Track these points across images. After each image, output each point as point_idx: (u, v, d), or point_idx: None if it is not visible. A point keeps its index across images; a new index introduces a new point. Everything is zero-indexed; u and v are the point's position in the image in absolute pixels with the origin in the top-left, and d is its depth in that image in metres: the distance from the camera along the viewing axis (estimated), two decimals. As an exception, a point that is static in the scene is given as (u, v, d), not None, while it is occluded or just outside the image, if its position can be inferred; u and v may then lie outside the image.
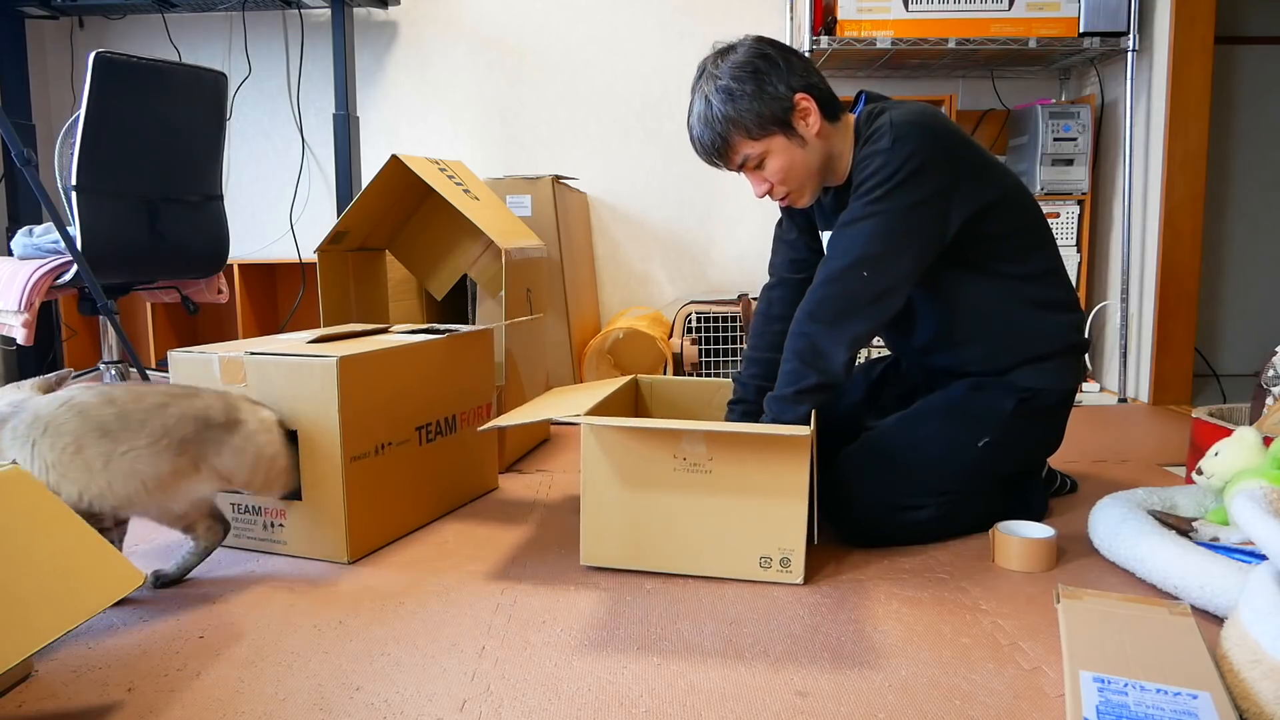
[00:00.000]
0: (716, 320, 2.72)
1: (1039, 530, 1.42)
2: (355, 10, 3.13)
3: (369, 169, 3.21)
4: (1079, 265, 2.91)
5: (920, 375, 1.67)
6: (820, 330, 1.36)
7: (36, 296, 2.10)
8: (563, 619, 1.21)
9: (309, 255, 3.19)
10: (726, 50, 1.40)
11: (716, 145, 1.41)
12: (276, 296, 3.39)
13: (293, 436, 1.41)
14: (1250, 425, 1.55)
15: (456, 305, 2.84)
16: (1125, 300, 2.79)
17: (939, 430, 1.48)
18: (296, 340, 1.58)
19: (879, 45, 2.70)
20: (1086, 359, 2.98)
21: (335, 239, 2.08)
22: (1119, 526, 1.38)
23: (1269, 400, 1.67)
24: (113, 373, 2.48)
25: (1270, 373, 1.69)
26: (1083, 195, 2.88)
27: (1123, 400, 2.79)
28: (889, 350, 1.74)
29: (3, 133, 2.02)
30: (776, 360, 1.43)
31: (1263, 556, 1.21)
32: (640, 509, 1.34)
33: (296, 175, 3.31)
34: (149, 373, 2.45)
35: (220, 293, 2.66)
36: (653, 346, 2.72)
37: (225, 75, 2.39)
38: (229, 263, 2.74)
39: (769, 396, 1.40)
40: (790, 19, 3.10)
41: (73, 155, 2.06)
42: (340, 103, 2.96)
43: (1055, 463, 1.98)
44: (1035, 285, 1.48)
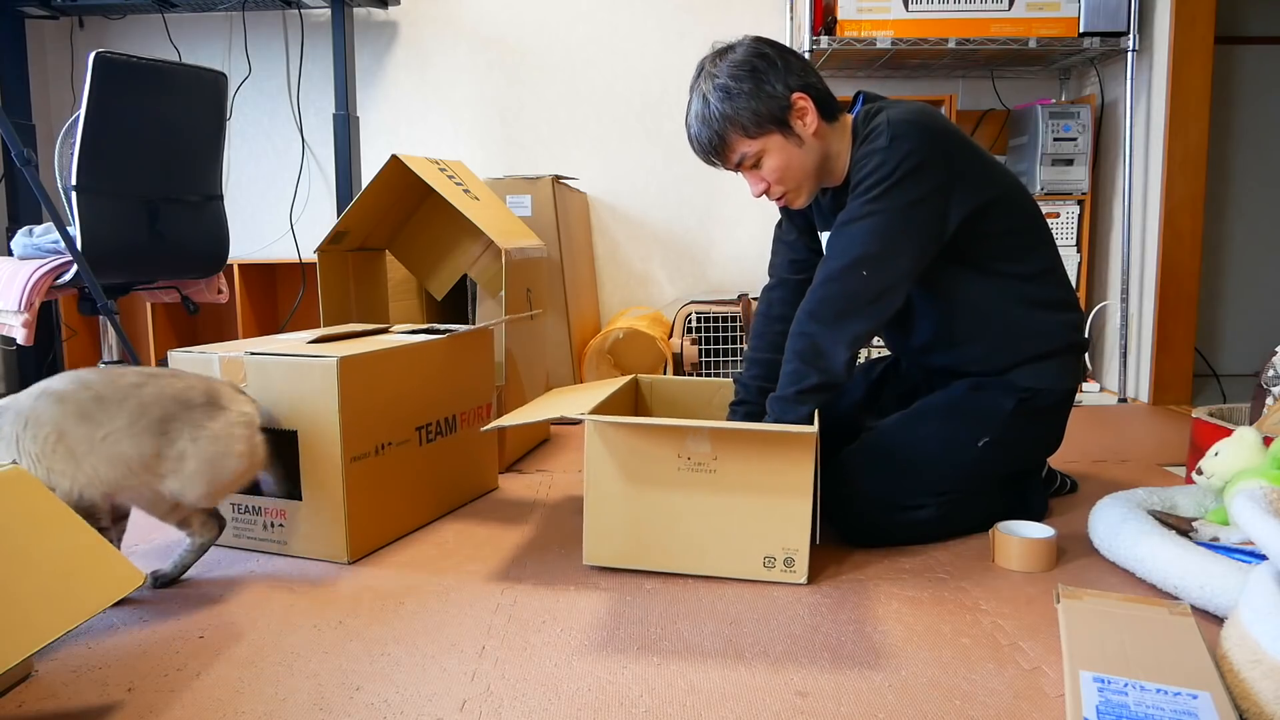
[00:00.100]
0: (716, 320, 2.72)
1: (1039, 530, 1.42)
2: (355, 10, 3.13)
3: (369, 169, 3.21)
4: (1079, 265, 2.91)
5: (920, 375, 1.67)
6: (821, 330, 1.36)
7: (36, 296, 2.10)
8: (563, 619, 1.21)
9: (309, 255, 3.19)
10: (725, 50, 1.40)
11: (714, 144, 1.41)
12: (276, 296, 3.39)
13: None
14: (1250, 425, 1.55)
15: (456, 305, 2.84)
16: (1125, 300, 2.79)
17: (939, 430, 1.48)
18: (296, 340, 1.58)
19: (879, 45, 2.70)
20: (1086, 359, 2.99)
21: (335, 239, 2.08)
22: (1119, 526, 1.38)
23: (1269, 400, 1.67)
24: (113, 373, 2.48)
25: (1270, 373, 1.69)
26: (1083, 195, 2.88)
27: (1123, 400, 2.79)
28: (889, 350, 1.74)
29: (3, 133, 2.02)
30: (778, 361, 1.43)
31: (1263, 556, 1.21)
32: (644, 508, 1.34)
33: (296, 175, 3.31)
34: (149, 373, 2.45)
35: (220, 293, 2.66)
36: (653, 346, 2.72)
37: (225, 75, 2.39)
38: (229, 263, 2.73)
39: (771, 397, 1.40)
40: (790, 19, 3.10)
41: (73, 155, 2.06)
42: (340, 103, 2.96)
43: (1055, 463, 1.98)
44: (1034, 284, 1.48)
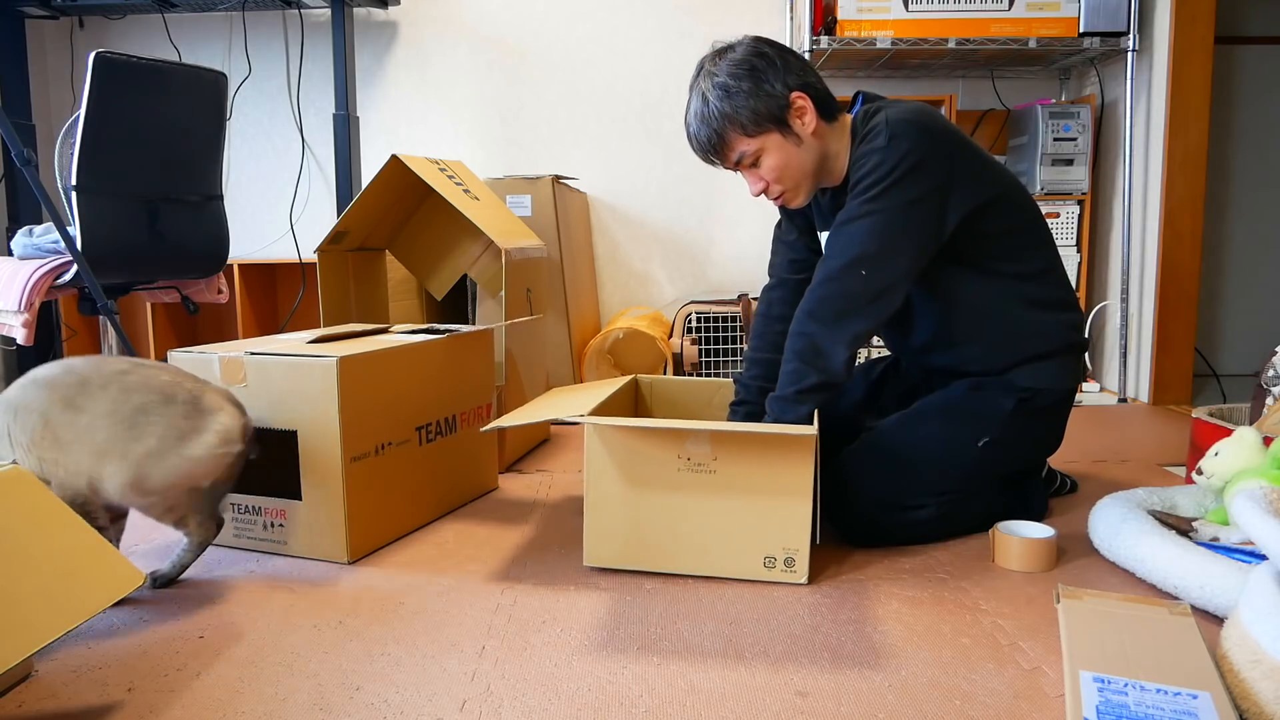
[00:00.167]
0: (716, 320, 2.72)
1: (1039, 530, 1.42)
2: (355, 10, 3.13)
3: (369, 169, 3.21)
4: (1079, 265, 2.91)
5: (920, 375, 1.67)
6: (820, 329, 1.36)
7: (36, 296, 2.10)
8: (563, 619, 1.21)
9: (309, 255, 3.19)
10: (725, 49, 1.41)
11: (713, 142, 1.41)
12: (276, 296, 3.39)
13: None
14: (1250, 425, 1.55)
15: (456, 305, 2.84)
16: (1125, 300, 2.79)
17: (939, 430, 1.48)
18: (296, 340, 1.58)
19: (879, 45, 2.70)
20: (1086, 359, 2.99)
21: (335, 239, 2.08)
22: (1119, 526, 1.38)
23: (1269, 400, 1.67)
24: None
25: (1270, 373, 1.69)
26: (1083, 195, 2.88)
27: (1123, 400, 2.79)
28: (888, 350, 1.74)
29: (3, 133, 2.02)
30: (778, 361, 1.43)
31: (1263, 556, 1.21)
32: (644, 509, 1.34)
33: (296, 175, 3.31)
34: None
35: (220, 293, 2.65)
36: (653, 346, 2.72)
37: (225, 75, 2.39)
38: (229, 263, 2.73)
39: (770, 397, 1.40)
40: (790, 19, 3.10)
41: (73, 155, 2.06)
42: (340, 103, 2.96)
43: (1055, 463, 1.98)
44: (1033, 284, 1.48)
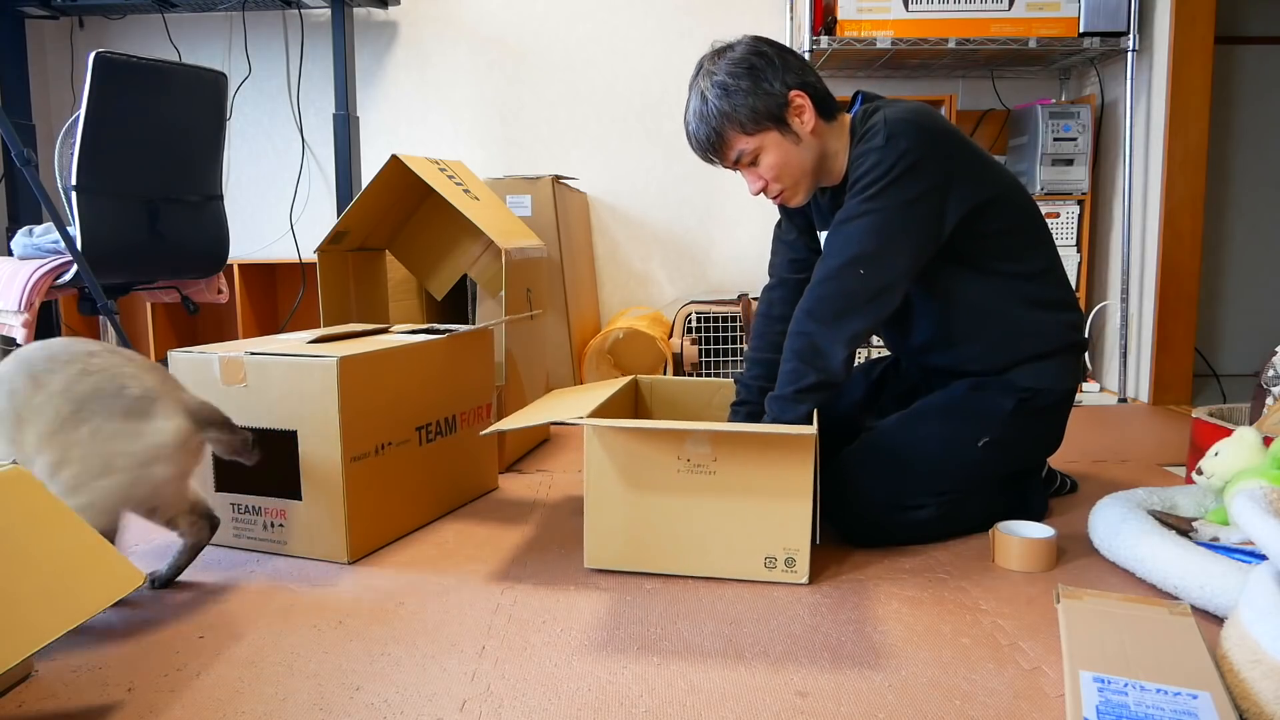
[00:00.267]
0: (716, 320, 2.72)
1: (1039, 530, 1.42)
2: (355, 10, 3.13)
3: (369, 169, 3.21)
4: (1079, 265, 2.91)
5: (919, 375, 1.67)
6: (818, 329, 1.36)
7: (36, 296, 2.10)
8: (563, 619, 1.21)
9: (309, 255, 3.19)
10: (724, 49, 1.41)
11: (711, 140, 1.41)
12: (276, 296, 3.39)
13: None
14: (1250, 425, 1.55)
15: (456, 305, 2.84)
16: (1125, 300, 2.79)
17: (939, 430, 1.48)
18: (296, 340, 1.58)
19: (879, 45, 2.70)
20: (1086, 359, 2.99)
21: (335, 239, 2.08)
22: (1119, 526, 1.38)
23: (1269, 400, 1.67)
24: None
25: (1270, 373, 1.69)
26: (1083, 195, 2.88)
27: (1123, 400, 2.79)
28: (888, 349, 1.74)
29: (3, 133, 2.02)
30: (779, 361, 1.43)
31: (1263, 556, 1.21)
32: (644, 511, 1.34)
33: (296, 175, 3.31)
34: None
35: (220, 293, 2.65)
36: (653, 346, 2.73)
37: (225, 75, 2.39)
38: (229, 263, 2.73)
39: (769, 396, 1.40)
40: (790, 19, 3.10)
41: (73, 155, 2.06)
42: (340, 103, 2.96)
43: (1055, 463, 1.98)
44: (1033, 284, 1.48)
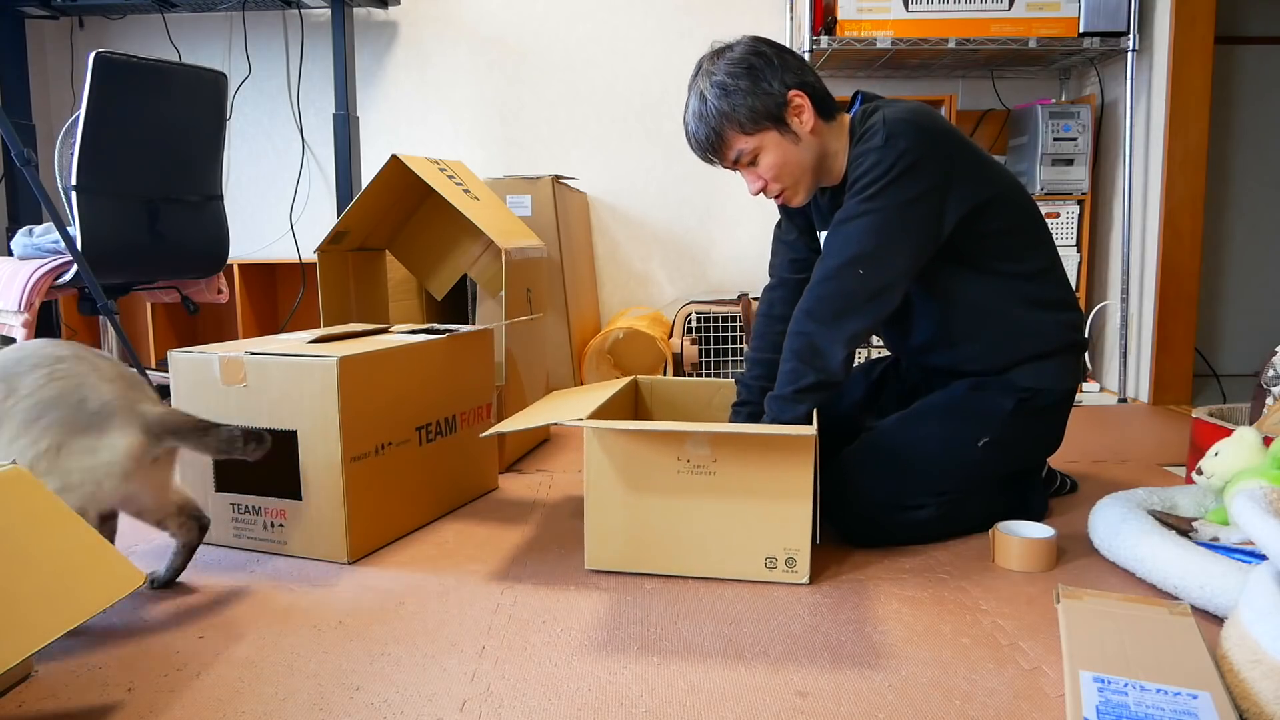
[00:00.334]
0: (716, 320, 2.72)
1: (1039, 530, 1.42)
2: (355, 10, 3.13)
3: (369, 169, 3.21)
4: (1079, 265, 2.91)
5: (919, 375, 1.67)
6: (818, 329, 1.36)
7: (36, 296, 2.10)
8: (563, 619, 1.21)
9: (309, 255, 3.19)
10: (723, 49, 1.41)
11: (711, 140, 1.41)
12: (276, 296, 3.39)
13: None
14: (1250, 425, 1.55)
15: (456, 305, 2.84)
16: (1125, 300, 2.79)
17: (939, 430, 1.48)
18: (296, 340, 1.58)
19: (879, 45, 2.70)
20: (1086, 359, 2.99)
21: (335, 239, 2.08)
22: (1119, 526, 1.38)
23: (1269, 400, 1.67)
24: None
25: (1270, 373, 1.69)
26: (1083, 195, 2.88)
27: (1123, 400, 2.79)
28: (888, 350, 1.74)
29: (3, 133, 2.02)
30: (779, 361, 1.43)
31: (1263, 556, 1.21)
32: (645, 512, 1.34)
33: (296, 175, 3.31)
34: (149, 372, 2.45)
35: (220, 293, 2.66)
36: (653, 346, 2.73)
37: (225, 75, 2.39)
38: (229, 263, 2.73)
39: (769, 396, 1.40)
40: (790, 19, 3.10)
41: (73, 155, 2.06)
42: (340, 103, 2.96)
43: (1055, 463, 1.98)
44: (1033, 284, 1.48)
